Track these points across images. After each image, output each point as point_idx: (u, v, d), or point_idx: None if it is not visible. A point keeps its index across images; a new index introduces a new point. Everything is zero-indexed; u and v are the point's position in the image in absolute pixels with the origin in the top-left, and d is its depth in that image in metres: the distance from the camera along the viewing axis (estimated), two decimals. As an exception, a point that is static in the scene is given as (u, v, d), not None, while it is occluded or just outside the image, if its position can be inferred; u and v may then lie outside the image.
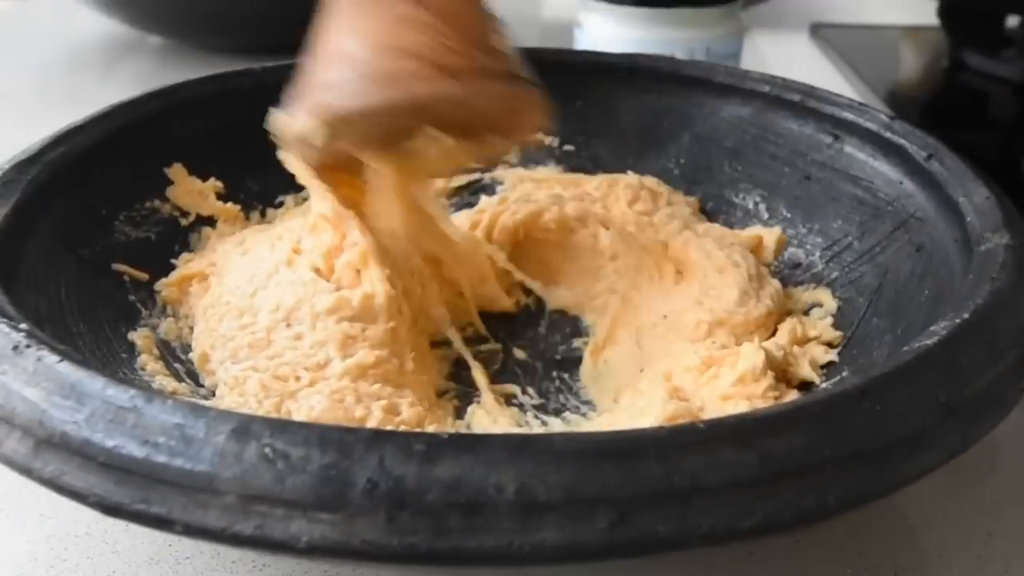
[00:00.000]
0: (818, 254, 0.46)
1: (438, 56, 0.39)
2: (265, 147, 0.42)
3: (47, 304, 0.37)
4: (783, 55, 0.91)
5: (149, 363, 0.38)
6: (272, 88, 0.43)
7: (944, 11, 0.87)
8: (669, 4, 0.65)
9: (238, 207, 0.48)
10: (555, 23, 1.00)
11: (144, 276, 0.42)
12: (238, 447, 0.25)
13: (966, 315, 0.31)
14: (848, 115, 0.46)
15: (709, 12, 0.66)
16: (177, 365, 0.39)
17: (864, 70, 0.83)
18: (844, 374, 0.38)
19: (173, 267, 0.44)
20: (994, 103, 0.80)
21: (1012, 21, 0.87)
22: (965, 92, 0.83)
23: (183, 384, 0.38)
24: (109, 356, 0.37)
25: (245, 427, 0.25)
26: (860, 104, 0.46)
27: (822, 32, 0.94)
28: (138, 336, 0.39)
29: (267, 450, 0.25)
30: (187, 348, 0.41)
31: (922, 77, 0.89)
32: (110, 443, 0.26)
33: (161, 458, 0.25)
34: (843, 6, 1.10)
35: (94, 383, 0.28)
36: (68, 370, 0.28)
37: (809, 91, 0.48)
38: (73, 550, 0.34)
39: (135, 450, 0.26)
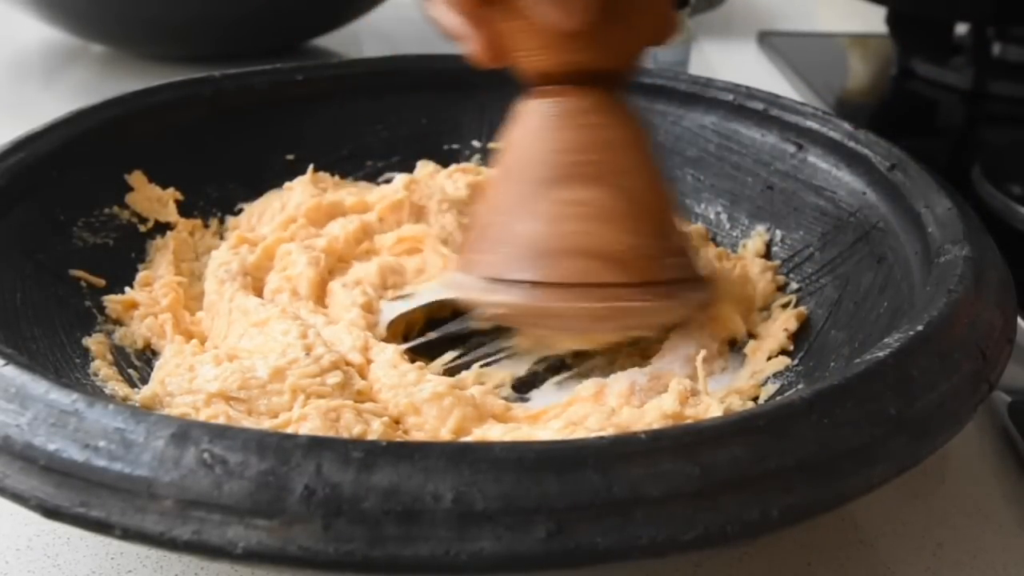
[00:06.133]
0: (779, 265, 0.46)
1: (638, 262, 0.38)
2: (223, 154, 0.41)
3: (1, 308, 0.36)
4: (731, 63, 0.91)
5: (102, 368, 0.38)
6: (231, 95, 0.43)
7: (892, 19, 0.88)
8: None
9: (197, 216, 0.48)
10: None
11: (101, 282, 0.42)
12: (177, 452, 0.25)
13: (920, 327, 0.31)
14: (812, 124, 0.46)
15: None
16: (131, 371, 0.39)
17: (812, 78, 0.84)
18: (799, 387, 0.38)
19: (130, 273, 0.44)
20: (943, 111, 0.81)
21: (960, 29, 0.87)
22: (913, 100, 0.83)
23: (135, 390, 0.37)
24: (63, 361, 0.37)
25: (184, 432, 0.25)
26: (824, 113, 0.46)
27: (770, 40, 0.94)
28: (92, 342, 0.39)
29: (205, 455, 0.25)
30: (141, 354, 0.40)
31: (870, 85, 0.89)
32: (51, 447, 0.26)
33: (101, 462, 0.25)
34: (791, 14, 1.11)
35: (38, 387, 0.28)
36: (13, 374, 0.28)
37: (773, 100, 0.48)
38: (14, 564, 0.34)
39: (76, 454, 0.26)
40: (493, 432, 0.35)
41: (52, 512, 0.25)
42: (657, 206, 0.40)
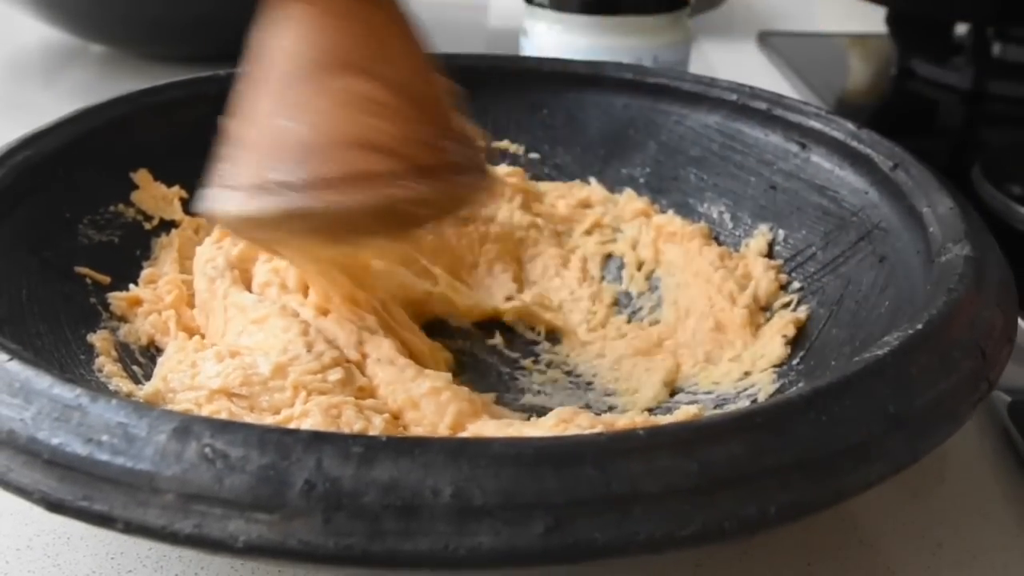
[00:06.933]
0: (782, 264, 0.46)
1: (407, 149, 0.35)
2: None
3: (8, 304, 0.37)
4: (731, 63, 0.91)
5: (107, 365, 0.38)
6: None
7: (892, 19, 0.88)
8: (616, 12, 0.65)
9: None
10: (501, 31, 1.00)
11: (106, 280, 0.42)
12: (179, 446, 0.25)
13: (919, 326, 0.31)
14: (815, 124, 0.46)
15: (656, 20, 0.66)
16: (135, 367, 0.39)
17: (812, 78, 0.84)
18: (800, 385, 0.38)
19: (135, 271, 0.44)
20: (943, 111, 0.81)
21: (960, 29, 0.87)
22: (913, 100, 0.83)
23: (139, 386, 0.37)
24: (67, 357, 0.37)
25: (186, 427, 0.25)
26: (827, 113, 0.46)
27: (770, 40, 0.94)
28: (97, 338, 0.39)
29: (207, 450, 0.25)
30: (145, 351, 0.41)
31: (870, 85, 0.89)
32: (55, 441, 0.26)
33: (104, 456, 0.25)
34: (791, 14, 1.11)
35: (41, 381, 0.28)
36: (17, 368, 0.28)
37: (776, 100, 0.48)
38: (14, 563, 0.34)
39: (79, 448, 0.26)
40: (486, 429, 0.35)
41: (55, 506, 0.26)
42: (425, 94, 0.37)
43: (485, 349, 0.45)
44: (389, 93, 0.35)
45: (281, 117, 0.35)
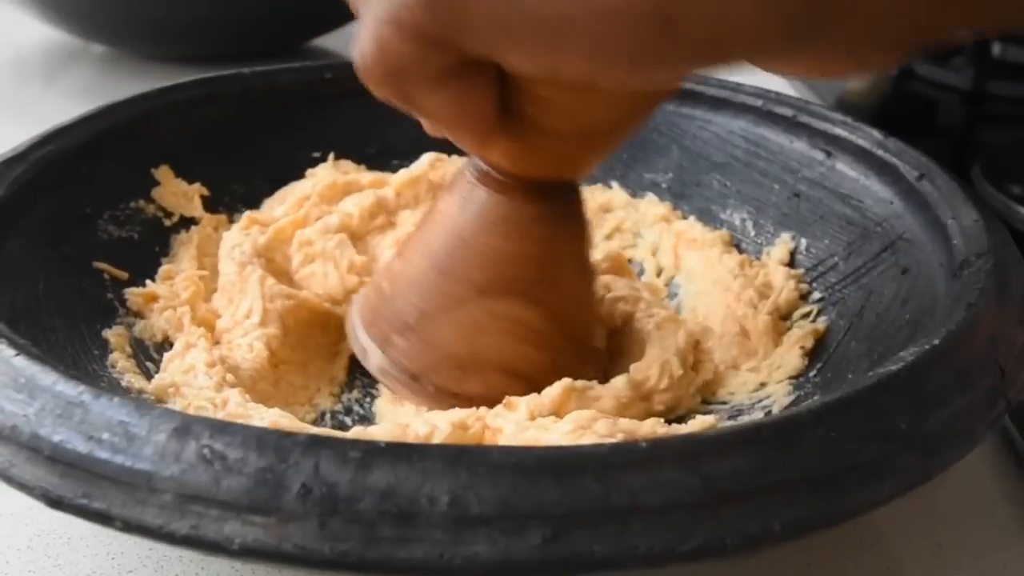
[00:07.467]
0: (803, 273, 0.45)
1: (548, 379, 0.37)
2: (250, 151, 0.42)
3: (24, 299, 0.37)
4: None
5: (120, 361, 0.38)
6: (260, 92, 0.43)
7: None
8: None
9: (222, 212, 0.48)
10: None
11: (124, 275, 0.42)
12: (178, 446, 0.25)
13: (936, 341, 0.31)
14: (840, 131, 0.45)
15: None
16: (149, 364, 0.39)
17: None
18: (815, 398, 0.38)
19: (154, 267, 0.44)
20: (943, 112, 0.80)
21: None
22: (914, 100, 0.82)
23: (152, 383, 0.37)
24: (81, 352, 0.37)
25: (186, 427, 0.25)
26: (853, 120, 0.46)
27: None
28: (112, 334, 0.39)
29: (205, 451, 0.25)
30: (160, 347, 0.41)
31: (870, 85, 0.88)
32: (56, 437, 0.26)
33: (104, 454, 0.26)
34: None
35: (46, 377, 0.28)
36: (23, 364, 0.29)
37: (802, 106, 0.48)
38: (15, 563, 0.34)
39: (80, 445, 0.26)
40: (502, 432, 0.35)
41: (55, 502, 0.26)
42: (578, 322, 0.40)
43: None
44: (544, 321, 0.38)
45: (446, 328, 0.38)
